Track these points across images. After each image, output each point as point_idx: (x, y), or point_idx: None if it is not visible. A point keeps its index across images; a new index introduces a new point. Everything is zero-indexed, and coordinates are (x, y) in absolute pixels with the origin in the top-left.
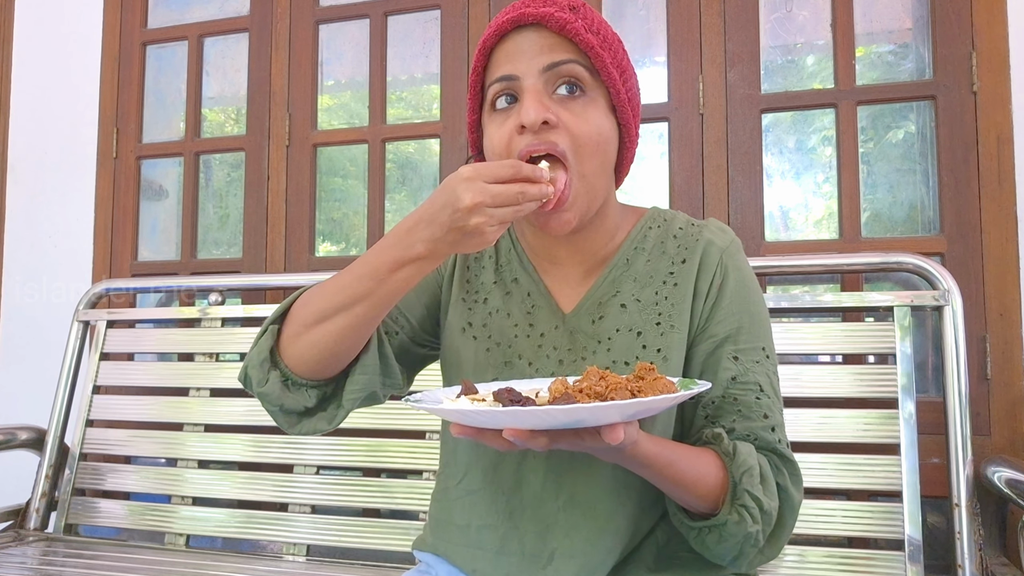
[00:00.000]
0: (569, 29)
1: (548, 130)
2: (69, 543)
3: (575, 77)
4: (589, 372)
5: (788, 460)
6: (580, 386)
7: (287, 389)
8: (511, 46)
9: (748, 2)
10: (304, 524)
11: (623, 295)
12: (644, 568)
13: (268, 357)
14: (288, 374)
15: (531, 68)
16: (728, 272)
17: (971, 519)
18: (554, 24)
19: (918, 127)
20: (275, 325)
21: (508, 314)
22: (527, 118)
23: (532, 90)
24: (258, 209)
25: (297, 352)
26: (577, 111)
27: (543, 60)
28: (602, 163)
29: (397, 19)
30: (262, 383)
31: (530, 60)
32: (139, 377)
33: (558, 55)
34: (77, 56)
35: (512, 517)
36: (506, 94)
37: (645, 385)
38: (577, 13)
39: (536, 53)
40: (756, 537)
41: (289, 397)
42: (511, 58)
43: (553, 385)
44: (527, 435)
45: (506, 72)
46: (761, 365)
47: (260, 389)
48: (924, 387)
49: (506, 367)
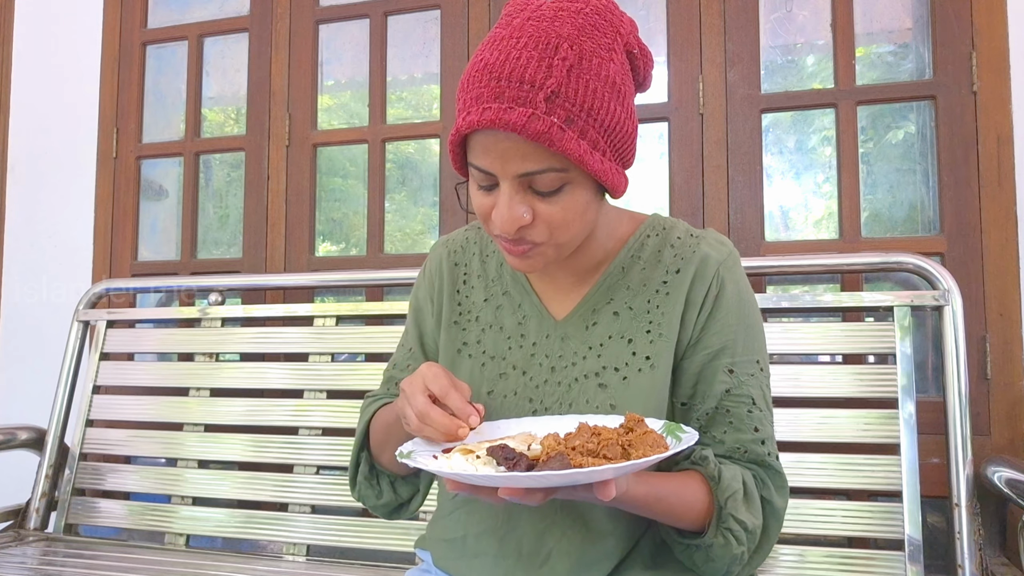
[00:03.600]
0: (544, 138)
1: (523, 229)
2: (69, 543)
3: (549, 182)
4: (581, 428)
5: (775, 472)
6: (573, 443)
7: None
8: (486, 140)
9: (748, 2)
10: (304, 524)
11: (616, 303)
12: (640, 566)
13: (370, 474)
14: (391, 476)
15: (506, 171)
16: (725, 284)
17: (971, 519)
18: (527, 134)
19: (918, 127)
20: (364, 452)
21: (501, 328)
22: (501, 227)
23: (506, 195)
24: (258, 209)
25: (386, 464)
26: (555, 202)
27: (517, 167)
28: (582, 228)
29: (397, 19)
30: (380, 496)
31: (504, 164)
32: (139, 377)
33: (532, 164)
34: (77, 56)
35: (510, 520)
36: (486, 181)
37: (635, 438)
38: (556, 103)
39: (510, 158)
40: (741, 557)
41: (401, 490)
42: (487, 153)
43: (545, 441)
44: (523, 493)
45: (483, 166)
46: (755, 378)
47: (379, 502)
48: (924, 387)
49: (500, 378)
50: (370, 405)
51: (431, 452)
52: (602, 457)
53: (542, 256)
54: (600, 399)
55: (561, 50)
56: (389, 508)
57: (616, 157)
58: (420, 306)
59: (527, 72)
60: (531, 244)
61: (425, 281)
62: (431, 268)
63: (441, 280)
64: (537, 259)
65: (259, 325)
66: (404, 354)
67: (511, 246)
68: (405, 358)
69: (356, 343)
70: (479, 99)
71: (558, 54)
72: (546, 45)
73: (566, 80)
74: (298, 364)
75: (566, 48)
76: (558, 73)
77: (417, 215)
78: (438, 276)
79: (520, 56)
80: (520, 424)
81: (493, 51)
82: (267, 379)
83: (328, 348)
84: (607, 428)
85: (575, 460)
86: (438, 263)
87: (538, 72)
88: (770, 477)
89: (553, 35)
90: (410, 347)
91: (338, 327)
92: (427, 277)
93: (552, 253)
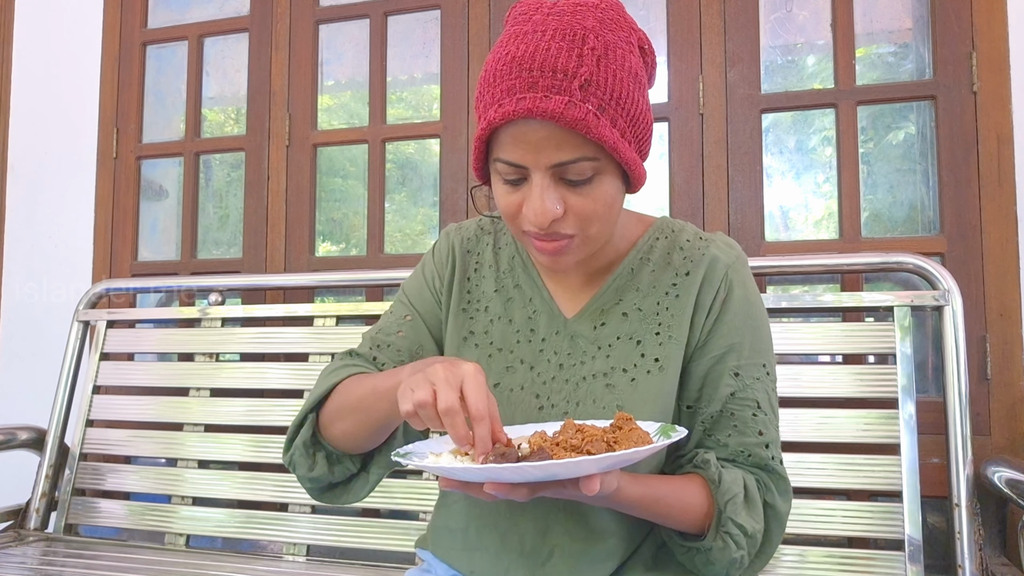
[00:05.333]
0: (582, 125)
1: (555, 223)
2: (69, 543)
3: (581, 171)
4: (567, 425)
5: (778, 476)
6: (557, 439)
7: (331, 464)
8: (518, 132)
9: (748, 2)
10: (304, 524)
11: (625, 304)
12: (642, 566)
13: (310, 440)
14: (331, 450)
15: (539, 162)
16: (733, 288)
17: (971, 519)
18: (564, 122)
19: (918, 127)
20: (313, 413)
21: (510, 320)
22: (535, 220)
23: (539, 187)
24: (258, 209)
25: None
26: (586, 193)
27: (551, 157)
28: (611, 220)
29: (397, 19)
30: (311, 468)
31: (537, 155)
32: (139, 377)
33: (566, 153)
34: (77, 56)
35: (513, 516)
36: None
37: (621, 436)
38: (589, 91)
39: (544, 148)
40: (741, 561)
41: (337, 469)
42: (519, 145)
43: (532, 437)
44: (507, 488)
45: (513, 159)
46: (761, 382)
47: (310, 474)
48: (924, 387)
49: (507, 372)
50: (340, 370)
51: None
52: (585, 452)
53: (574, 252)
54: (607, 400)
55: (589, 40)
56: (319, 485)
57: (638, 148)
58: (424, 283)
59: (559, 61)
60: (564, 239)
61: (434, 261)
62: (442, 250)
63: (453, 264)
64: (570, 255)
65: (259, 325)
66: (396, 320)
67: (543, 243)
68: (397, 324)
69: (356, 343)
70: (511, 91)
71: (587, 44)
72: (573, 36)
73: (596, 69)
74: (298, 364)
75: (593, 39)
76: (588, 62)
77: (417, 215)
78: (449, 260)
79: (550, 47)
80: (523, 429)
81: (519, 45)
82: (267, 379)
83: (328, 348)
84: (594, 426)
85: (557, 454)
86: (449, 247)
87: (570, 61)
88: (773, 481)
89: (579, 27)
90: (405, 314)
91: (338, 327)
92: (436, 258)
93: (583, 248)
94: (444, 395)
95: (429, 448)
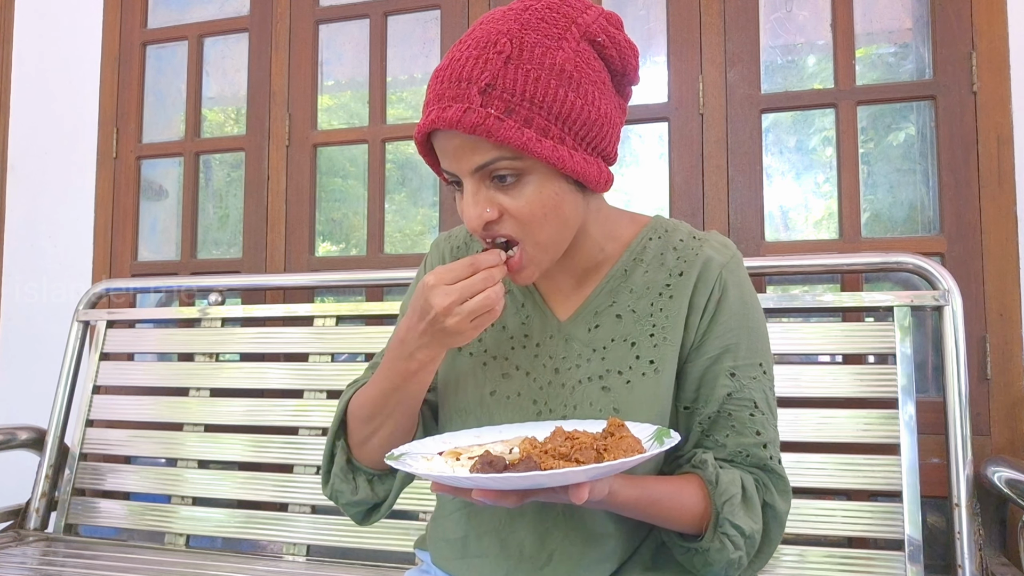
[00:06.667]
0: (481, 130)
1: (492, 224)
2: (69, 543)
3: (503, 170)
4: (556, 432)
5: (777, 476)
6: (546, 447)
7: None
8: (439, 143)
9: (748, 2)
10: (304, 524)
11: (619, 305)
12: (641, 567)
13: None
14: (368, 471)
15: (462, 168)
16: (728, 288)
17: (971, 519)
18: (464, 129)
19: (918, 127)
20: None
21: (503, 327)
22: (469, 224)
23: (469, 192)
24: (258, 209)
25: (368, 454)
26: (516, 194)
27: (469, 162)
28: (558, 223)
29: (397, 19)
30: (355, 492)
31: (459, 162)
32: (139, 377)
33: (480, 156)
34: (77, 56)
35: (511, 521)
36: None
37: (612, 443)
38: (492, 95)
39: (461, 154)
40: (739, 561)
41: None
42: (444, 155)
43: (522, 445)
44: (495, 495)
45: (445, 167)
46: (758, 381)
47: (354, 498)
48: (924, 387)
49: (503, 379)
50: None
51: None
52: (574, 461)
53: (531, 262)
54: (603, 403)
55: (499, 44)
56: (364, 507)
57: (586, 147)
58: None
59: (464, 70)
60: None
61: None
62: (433, 261)
63: None
64: (529, 268)
65: (259, 325)
66: None
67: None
68: None
69: (356, 343)
70: (428, 104)
71: (495, 48)
72: (486, 42)
73: (503, 71)
74: (298, 364)
75: (504, 42)
76: (492, 66)
77: (417, 215)
78: None
79: (461, 56)
80: (521, 429)
81: (445, 58)
82: (267, 379)
83: (328, 348)
84: (584, 432)
85: (545, 463)
86: (440, 257)
87: (474, 69)
88: (772, 481)
89: (494, 32)
90: None
91: (338, 327)
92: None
93: (539, 256)
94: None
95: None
